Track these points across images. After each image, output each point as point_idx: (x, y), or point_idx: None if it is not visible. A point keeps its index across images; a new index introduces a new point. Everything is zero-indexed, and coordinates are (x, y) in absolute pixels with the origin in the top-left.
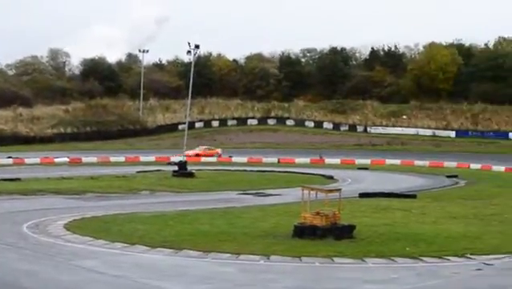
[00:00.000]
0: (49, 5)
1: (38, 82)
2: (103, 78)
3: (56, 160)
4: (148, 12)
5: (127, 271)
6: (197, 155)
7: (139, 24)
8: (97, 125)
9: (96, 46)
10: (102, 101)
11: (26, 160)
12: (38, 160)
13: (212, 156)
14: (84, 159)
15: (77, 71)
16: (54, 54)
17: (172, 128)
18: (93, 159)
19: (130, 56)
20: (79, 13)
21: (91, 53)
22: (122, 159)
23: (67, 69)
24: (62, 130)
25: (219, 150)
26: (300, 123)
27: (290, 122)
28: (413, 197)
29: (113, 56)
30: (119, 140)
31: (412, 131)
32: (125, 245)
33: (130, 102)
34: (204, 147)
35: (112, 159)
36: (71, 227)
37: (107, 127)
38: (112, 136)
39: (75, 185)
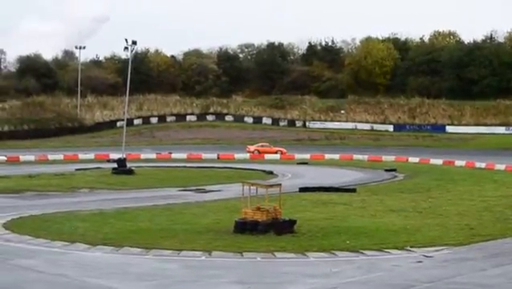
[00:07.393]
0: None
1: None
2: (39, 75)
3: None
4: (86, 8)
5: (67, 270)
6: (258, 152)
7: (76, 20)
8: (35, 123)
9: (32, 43)
10: (39, 99)
11: None
12: None
13: (274, 153)
14: (22, 157)
15: (13, 69)
16: None
17: (110, 125)
18: (31, 157)
19: (66, 53)
20: (14, 9)
21: (27, 50)
22: (60, 157)
23: (2, 66)
24: None
25: (283, 149)
26: (239, 118)
27: (229, 118)
28: (353, 191)
29: (49, 53)
30: (57, 138)
31: (350, 125)
32: (65, 243)
33: (67, 99)
34: (262, 144)
35: (50, 157)
36: (10, 226)
37: (44, 125)
38: (50, 134)
39: (12, 184)
